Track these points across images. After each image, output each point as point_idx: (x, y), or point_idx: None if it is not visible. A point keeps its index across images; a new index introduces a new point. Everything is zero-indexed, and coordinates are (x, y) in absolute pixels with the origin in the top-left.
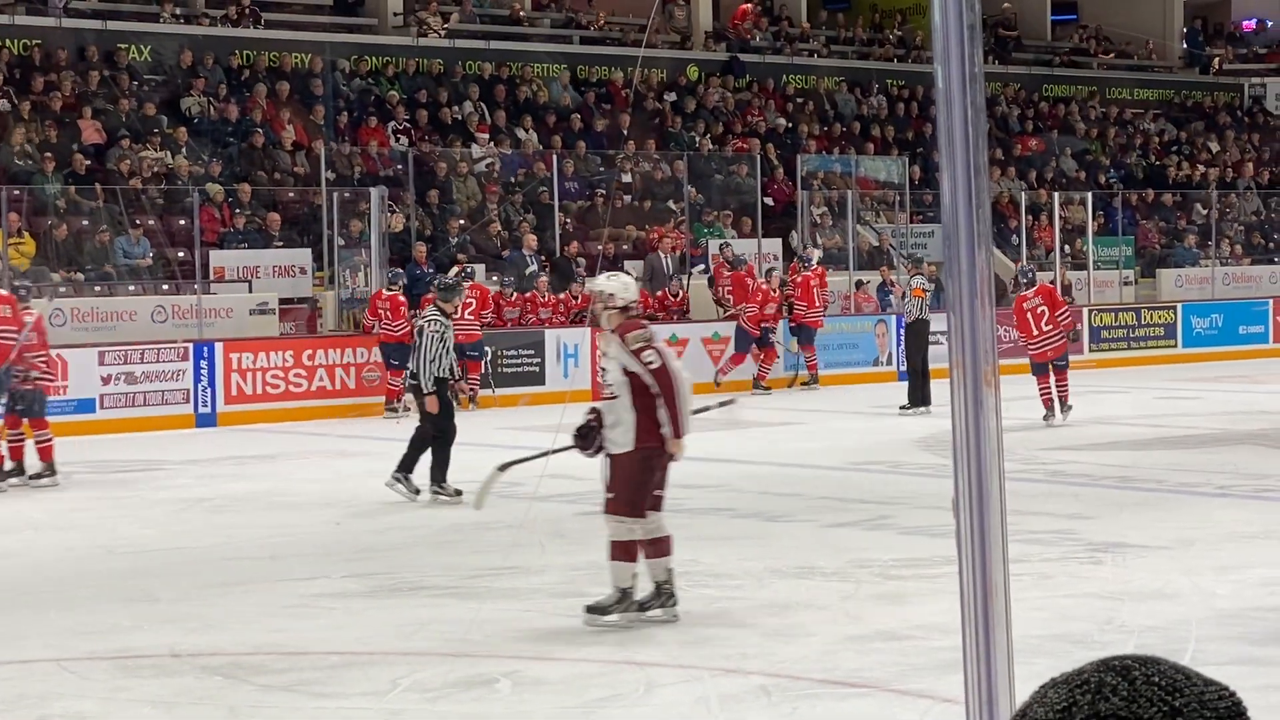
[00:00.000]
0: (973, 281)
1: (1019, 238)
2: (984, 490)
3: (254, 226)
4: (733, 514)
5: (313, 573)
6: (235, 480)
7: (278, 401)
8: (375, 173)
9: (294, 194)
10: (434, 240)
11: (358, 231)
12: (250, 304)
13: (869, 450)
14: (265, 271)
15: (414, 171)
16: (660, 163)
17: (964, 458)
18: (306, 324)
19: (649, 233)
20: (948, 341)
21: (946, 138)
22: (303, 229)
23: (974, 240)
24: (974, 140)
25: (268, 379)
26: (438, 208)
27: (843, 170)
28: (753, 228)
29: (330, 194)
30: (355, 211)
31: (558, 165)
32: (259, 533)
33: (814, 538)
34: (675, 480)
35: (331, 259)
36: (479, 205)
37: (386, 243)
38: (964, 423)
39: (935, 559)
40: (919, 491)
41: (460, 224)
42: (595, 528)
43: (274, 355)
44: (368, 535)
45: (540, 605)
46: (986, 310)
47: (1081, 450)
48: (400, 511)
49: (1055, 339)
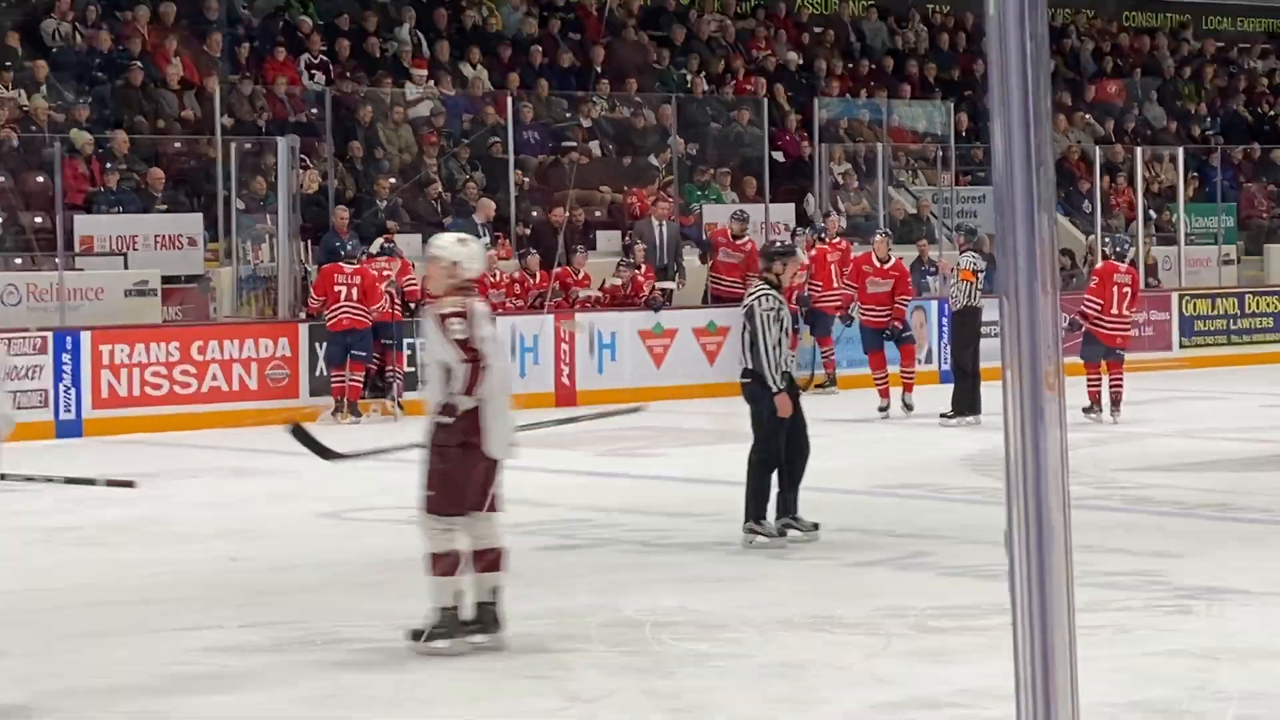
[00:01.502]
0: (1032, 259)
1: (1092, 204)
2: (1045, 521)
3: (131, 185)
4: (730, 549)
5: (201, 621)
6: (105, 505)
7: (159, 406)
8: (284, 118)
9: (181, 145)
10: (358, 204)
11: (262, 192)
12: (126, 283)
13: (902, 470)
14: (145, 242)
15: (333, 117)
16: (642, 108)
17: (1020, 479)
18: (196, 308)
19: (627, 196)
20: (1000, 334)
21: (1000, 78)
22: (192, 189)
23: (1033, 207)
24: (1035, 81)
25: (147, 377)
26: (362, 163)
27: (871, 118)
28: (758, 190)
29: (227, 145)
30: (259, 167)
31: (514, 110)
32: (134, 571)
33: (832, 579)
34: (657, 507)
35: (229, 227)
36: (414, 160)
37: (298, 206)
38: (1020, 436)
39: (984, 607)
40: (964, 522)
41: (391, 184)
42: (563, 565)
43: (155, 348)
44: (271, 574)
45: (490, 664)
46: (1049, 295)
47: (1169, 471)
48: (312, 545)
49: (1128, 327)
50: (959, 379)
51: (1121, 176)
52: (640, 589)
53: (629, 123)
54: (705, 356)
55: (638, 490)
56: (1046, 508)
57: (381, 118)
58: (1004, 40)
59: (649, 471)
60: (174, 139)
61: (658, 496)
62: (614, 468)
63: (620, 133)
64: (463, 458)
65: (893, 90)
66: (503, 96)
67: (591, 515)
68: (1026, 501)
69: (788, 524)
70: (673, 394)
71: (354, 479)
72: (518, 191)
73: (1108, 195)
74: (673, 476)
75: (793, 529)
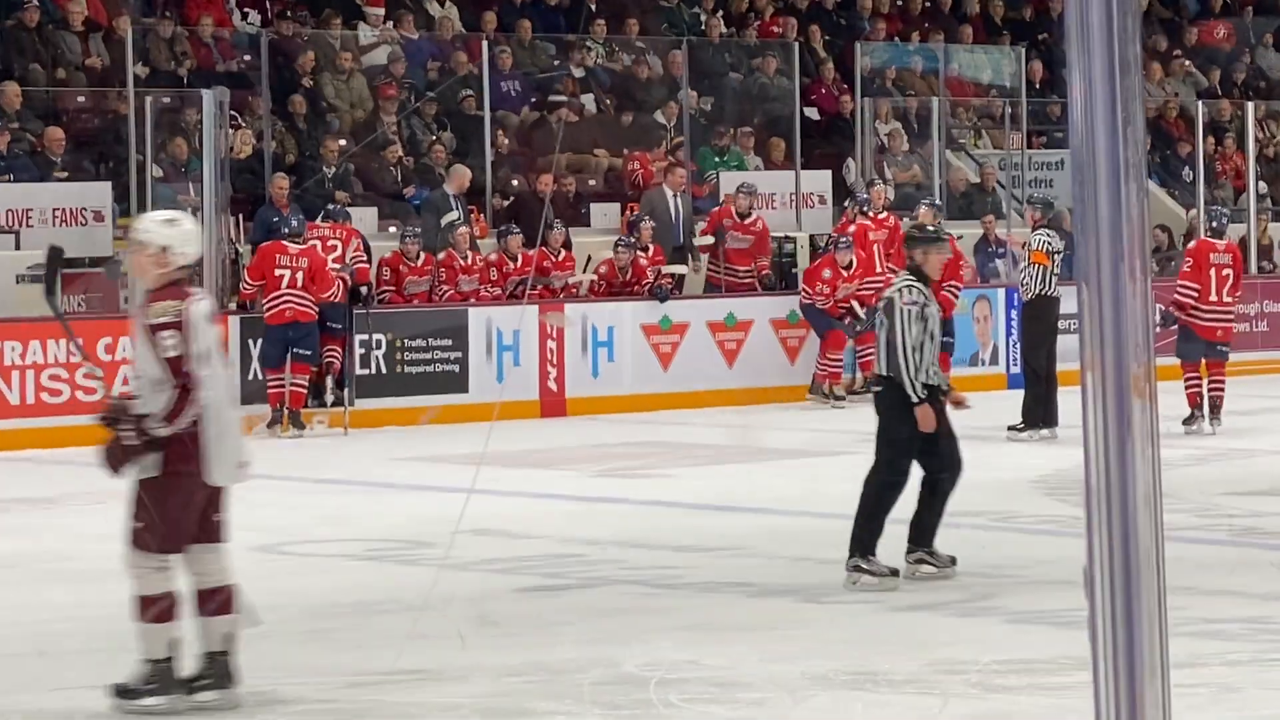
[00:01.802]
0: (1117, 237)
1: (1192, 170)
2: (1133, 556)
3: (24, 149)
4: (753, 590)
5: (107, 677)
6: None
7: (57, 416)
8: (210, 67)
9: (86, 99)
10: (299, 170)
11: (183, 157)
12: (18, 267)
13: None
14: (41, 217)
15: (269, 66)
16: (646, 53)
17: (1103, 506)
18: (104, 297)
19: (628, 161)
20: (1080, 329)
21: (1079, 18)
22: (100, 153)
23: (1119, 174)
24: (1121, 22)
25: (44, 381)
26: (306, 121)
27: (925, 67)
28: (787, 154)
29: (141, 99)
30: (179, 126)
31: (489, 57)
32: (25, 615)
33: (877, 627)
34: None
35: (143, 199)
36: (369, 118)
37: (227, 174)
38: (1103, 453)
39: (1059, 661)
40: (1035, 558)
41: (341, 145)
42: (549, 610)
43: (54, 346)
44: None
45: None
46: (1138, 282)
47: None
48: (243, 585)
49: (1229, 317)
50: (1030, 384)
51: (1229, 137)
52: (642, 639)
53: (630, 72)
54: (723, 357)
55: (639, 519)
56: (1135, 540)
57: (329, 66)
58: None
59: (652, 496)
60: (77, 92)
61: (663, 527)
62: (610, 491)
63: (619, 84)
64: (176, 485)
65: (951, 33)
66: (476, 40)
67: (583, 550)
68: (1111, 533)
69: (921, 558)
70: (682, 402)
71: (290, 506)
72: (495, 156)
73: (1212, 160)
74: (681, 503)
75: (927, 564)
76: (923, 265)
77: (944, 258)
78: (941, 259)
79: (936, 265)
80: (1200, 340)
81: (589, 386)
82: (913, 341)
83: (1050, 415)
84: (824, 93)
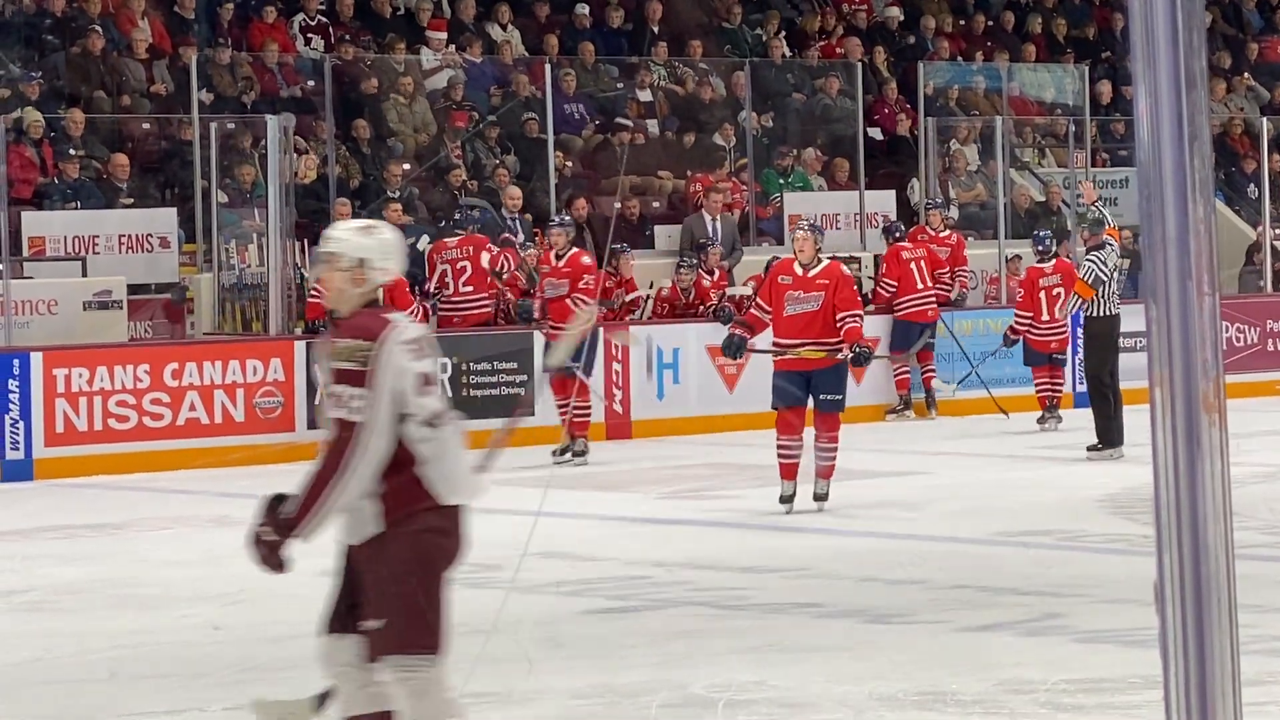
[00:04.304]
0: (1184, 255)
1: (1258, 187)
2: (1204, 575)
3: (90, 175)
4: (819, 611)
5: (177, 703)
6: (60, 563)
7: (125, 442)
8: (274, 93)
9: (151, 126)
10: (364, 194)
11: (248, 182)
12: (84, 293)
13: (1027, 514)
14: (108, 244)
15: (333, 91)
16: (710, 75)
17: (1173, 523)
18: (170, 324)
19: (690, 182)
20: (1148, 346)
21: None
22: (165, 180)
23: (1186, 191)
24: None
25: (110, 408)
26: (369, 146)
27: (989, 86)
28: (850, 174)
29: (206, 126)
30: (244, 152)
31: (553, 80)
32: (95, 643)
33: (944, 647)
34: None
35: (208, 225)
36: (432, 142)
37: (292, 198)
38: (1173, 470)
39: (1129, 679)
40: (1105, 576)
41: (404, 170)
42: (616, 632)
43: (121, 372)
44: (262, 646)
45: None
46: (1206, 298)
47: None
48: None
49: (1063, 332)
50: (1097, 402)
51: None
52: (709, 661)
53: (693, 95)
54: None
55: (706, 541)
56: (1206, 557)
57: (392, 91)
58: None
59: (719, 518)
60: (142, 118)
61: (730, 548)
62: (677, 513)
63: (682, 107)
64: (412, 557)
65: (1014, 52)
66: (539, 64)
67: (650, 572)
68: (1182, 550)
69: None
70: (748, 423)
71: None
72: (558, 179)
73: (1278, 176)
74: (748, 524)
75: None
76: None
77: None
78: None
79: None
80: (1041, 353)
81: (654, 409)
82: None
83: (1117, 435)
84: (887, 113)
